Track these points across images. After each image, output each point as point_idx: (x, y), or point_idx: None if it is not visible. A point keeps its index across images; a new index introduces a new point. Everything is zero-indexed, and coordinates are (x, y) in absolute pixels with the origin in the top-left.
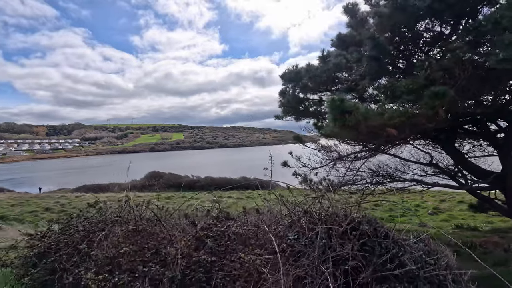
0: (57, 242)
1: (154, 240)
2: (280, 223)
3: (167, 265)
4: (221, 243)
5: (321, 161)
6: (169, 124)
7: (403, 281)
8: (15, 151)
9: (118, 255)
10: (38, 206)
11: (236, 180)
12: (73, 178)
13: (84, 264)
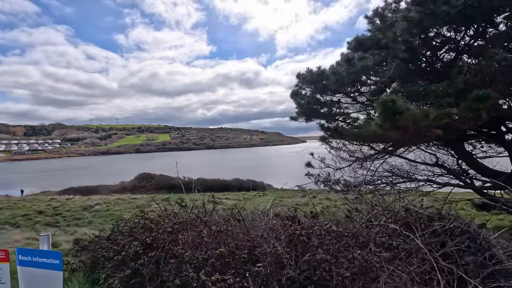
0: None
1: (239, 240)
2: (374, 222)
3: (269, 265)
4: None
5: (335, 162)
6: (154, 125)
7: (508, 276)
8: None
9: (212, 255)
10: (29, 209)
11: (229, 181)
12: (56, 180)
13: (166, 267)
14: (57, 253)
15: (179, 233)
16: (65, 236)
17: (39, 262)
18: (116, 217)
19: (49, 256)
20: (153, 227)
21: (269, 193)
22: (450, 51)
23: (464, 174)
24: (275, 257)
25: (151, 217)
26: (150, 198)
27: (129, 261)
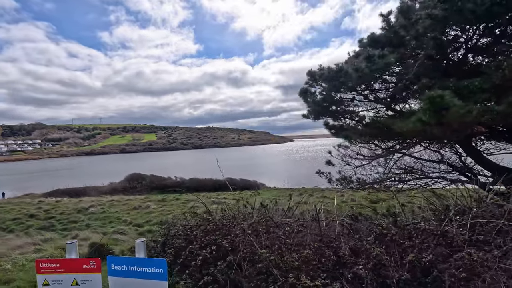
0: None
1: (318, 241)
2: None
3: (366, 267)
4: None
5: (345, 160)
6: (140, 124)
7: None
8: None
9: (298, 258)
10: (19, 213)
11: (222, 181)
12: (38, 182)
13: (245, 272)
14: (160, 261)
15: (249, 236)
16: (69, 240)
17: (137, 272)
18: (114, 219)
19: (150, 265)
20: (220, 229)
21: (263, 192)
22: (458, 50)
23: (469, 170)
24: (372, 259)
25: (214, 218)
26: (144, 199)
27: (202, 267)
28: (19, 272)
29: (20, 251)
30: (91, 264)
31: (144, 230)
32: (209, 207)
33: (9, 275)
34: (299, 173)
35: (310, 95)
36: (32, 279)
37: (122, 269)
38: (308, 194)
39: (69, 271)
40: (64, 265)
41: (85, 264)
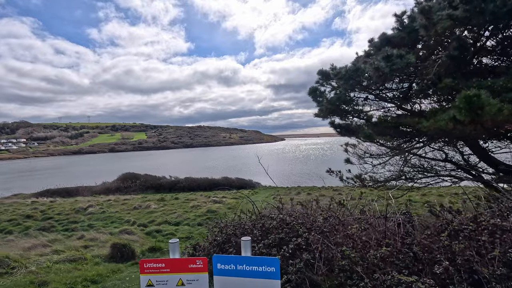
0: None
1: (384, 238)
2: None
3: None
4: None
5: (363, 159)
6: (129, 123)
7: None
8: None
9: (378, 255)
10: (13, 214)
11: (218, 180)
12: (26, 182)
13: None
14: (273, 259)
15: (323, 234)
16: (78, 241)
17: (246, 271)
18: (116, 219)
19: (261, 263)
20: (291, 227)
21: (260, 190)
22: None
23: (473, 168)
24: (456, 254)
25: (283, 217)
26: (141, 199)
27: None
28: (49, 274)
29: (35, 252)
30: (197, 263)
31: (151, 230)
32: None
33: (40, 277)
34: (292, 172)
35: (320, 94)
36: (65, 281)
37: (229, 268)
38: (306, 193)
39: (175, 271)
40: (169, 265)
41: (191, 263)
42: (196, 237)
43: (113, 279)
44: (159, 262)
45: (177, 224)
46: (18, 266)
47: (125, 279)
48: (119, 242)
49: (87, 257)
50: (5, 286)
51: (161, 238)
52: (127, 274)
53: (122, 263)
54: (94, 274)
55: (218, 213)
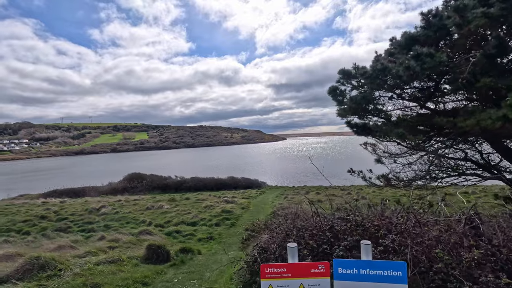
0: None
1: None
2: None
3: None
4: None
5: (392, 157)
6: (131, 123)
7: None
8: None
9: (471, 258)
10: (27, 214)
11: (224, 180)
12: (31, 183)
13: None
14: (399, 263)
15: (411, 235)
16: (101, 242)
17: (370, 275)
18: (131, 219)
19: (386, 267)
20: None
21: (267, 190)
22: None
23: (494, 168)
24: None
25: (358, 219)
26: (150, 199)
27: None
28: (96, 276)
29: (70, 254)
30: (319, 268)
31: (170, 231)
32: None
33: (91, 279)
34: (297, 171)
35: (340, 93)
36: (117, 282)
37: (351, 272)
38: (315, 192)
39: (296, 275)
40: (290, 270)
41: (313, 268)
42: (216, 237)
43: (160, 280)
44: (280, 266)
45: (193, 224)
46: (64, 268)
47: (173, 281)
48: (154, 243)
49: (124, 258)
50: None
51: (182, 238)
52: (172, 276)
53: (159, 265)
54: (140, 275)
55: (233, 213)
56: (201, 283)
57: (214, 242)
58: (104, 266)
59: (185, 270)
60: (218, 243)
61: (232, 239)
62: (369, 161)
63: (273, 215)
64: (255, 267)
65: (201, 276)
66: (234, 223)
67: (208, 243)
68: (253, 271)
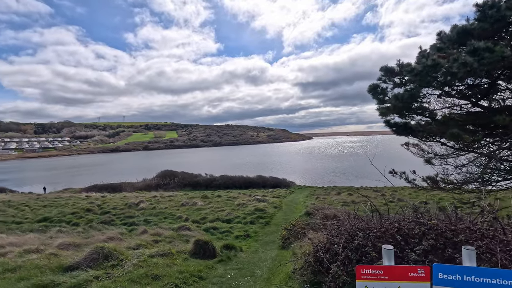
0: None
1: None
2: None
3: None
4: None
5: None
6: (161, 122)
7: None
8: (3, 150)
9: None
10: (74, 207)
11: (253, 178)
12: (74, 178)
13: None
14: (509, 272)
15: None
16: (145, 235)
17: (475, 283)
18: (168, 215)
19: (496, 275)
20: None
21: (296, 190)
22: None
23: None
24: None
25: (433, 222)
26: (183, 195)
27: None
28: (155, 268)
29: (125, 245)
30: (419, 272)
31: (207, 227)
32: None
33: (151, 271)
34: (326, 171)
35: (381, 91)
36: (175, 275)
37: (454, 278)
38: (347, 193)
39: (393, 278)
40: (388, 272)
41: (412, 272)
42: (253, 235)
43: (214, 275)
44: (377, 268)
45: (228, 221)
46: (124, 258)
47: (226, 276)
48: (201, 239)
49: (174, 252)
50: (127, 278)
51: (219, 235)
52: (223, 271)
53: (208, 260)
54: (194, 269)
55: (266, 212)
56: (255, 280)
57: (251, 240)
58: (157, 258)
59: (234, 266)
60: (255, 241)
61: (268, 238)
62: (404, 161)
63: (308, 215)
64: (318, 267)
65: (252, 273)
66: (269, 222)
67: (245, 241)
68: (316, 271)
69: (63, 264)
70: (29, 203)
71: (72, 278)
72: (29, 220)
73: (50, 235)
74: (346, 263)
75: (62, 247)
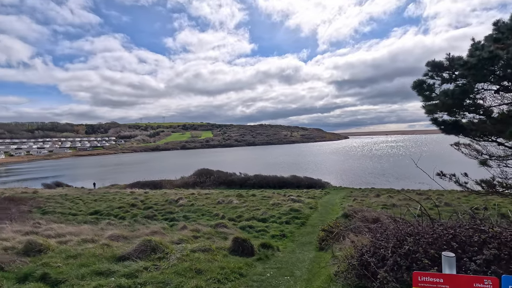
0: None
1: None
2: None
3: None
4: None
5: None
6: (197, 122)
7: None
8: (60, 148)
9: None
10: (121, 202)
11: (287, 178)
12: (118, 175)
13: None
14: None
15: None
16: (185, 231)
17: None
18: (205, 212)
19: None
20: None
21: (332, 191)
22: None
23: None
24: None
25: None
26: (219, 194)
27: None
28: (198, 263)
29: (169, 240)
30: (485, 283)
31: (244, 225)
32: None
33: (194, 265)
34: (364, 172)
35: (428, 87)
36: (217, 270)
37: None
38: (387, 195)
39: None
40: (448, 281)
41: (477, 282)
42: (289, 235)
43: (253, 273)
44: (436, 276)
45: (264, 220)
46: (169, 252)
47: (266, 274)
48: (240, 236)
49: (213, 248)
50: (173, 270)
51: (255, 234)
52: (262, 270)
53: (246, 257)
54: (234, 266)
55: (301, 213)
56: (295, 280)
57: (287, 240)
58: (199, 253)
59: (272, 265)
60: (291, 241)
61: (304, 238)
62: (453, 163)
63: (346, 217)
64: (363, 271)
65: (291, 273)
66: (304, 223)
67: (281, 241)
68: (360, 275)
69: (115, 254)
70: (82, 197)
71: (125, 267)
72: (82, 212)
73: (101, 227)
74: (395, 268)
75: (113, 238)
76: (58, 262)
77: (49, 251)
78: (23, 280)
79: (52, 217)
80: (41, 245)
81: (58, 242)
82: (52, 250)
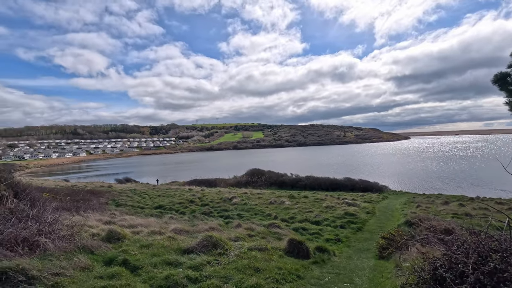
0: None
1: None
2: None
3: None
4: None
5: None
6: (249, 123)
7: None
8: (128, 148)
9: None
10: (181, 198)
11: (340, 180)
12: (177, 173)
13: None
14: None
15: None
16: (239, 229)
17: None
18: (258, 211)
19: None
20: None
21: (390, 195)
22: None
23: None
24: None
25: None
26: (271, 194)
27: None
28: (255, 261)
29: (226, 237)
30: None
31: (297, 227)
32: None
33: (253, 263)
34: (429, 176)
35: None
36: (275, 270)
37: None
38: (457, 203)
39: None
40: None
41: None
42: (344, 240)
43: (311, 276)
44: None
45: (317, 223)
46: (228, 248)
47: (324, 279)
48: (295, 238)
49: (269, 248)
50: (234, 267)
51: (308, 236)
52: (319, 274)
53: (301, 260)
54: (291, 267)
55: (357, 217)
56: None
57: (343, 245)
58: (255, 252)
59: (330, 270)
60: (347, 246)
61: (362, 245)
62: None
63: (409, 225)
64: (437, 286)
65: (351, 280)
66: (361, 228)
67: (336, 245)
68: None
69: (181, 247)
70: (148, 192)
71: (190, 260)
72: (148, 206)
73: (165, 221)
74: (477, 287)
75: (176, 231)
76: (135, 250)
77: (125, 240)
78: (108, 263)
79: (124, 209)
80: (119, 234)
81: (132, 232)
82: (128, 239)
